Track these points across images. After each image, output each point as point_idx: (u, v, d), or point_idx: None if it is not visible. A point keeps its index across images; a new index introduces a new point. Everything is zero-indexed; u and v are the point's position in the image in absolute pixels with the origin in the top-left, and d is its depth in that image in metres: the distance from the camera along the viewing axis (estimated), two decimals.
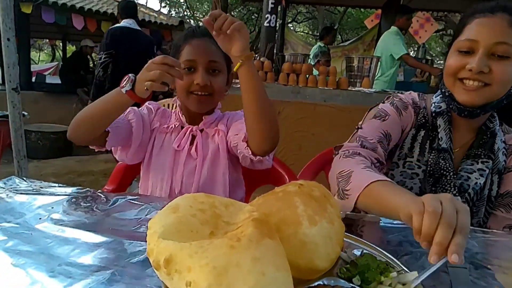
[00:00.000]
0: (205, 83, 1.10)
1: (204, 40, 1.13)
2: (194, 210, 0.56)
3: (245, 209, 0.60)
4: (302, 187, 0.70)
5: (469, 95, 0.96)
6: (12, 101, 1.96)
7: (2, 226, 0.76)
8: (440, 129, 1.07)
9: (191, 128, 1.21)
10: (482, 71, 0.92)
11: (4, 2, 1.78)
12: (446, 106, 1.07)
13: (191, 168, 1.18)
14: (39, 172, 4.50)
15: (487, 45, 0.92)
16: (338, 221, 0.66)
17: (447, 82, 1.02)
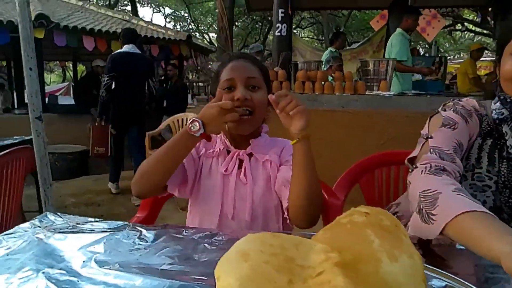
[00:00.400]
0: (245, 97, 1.09)
1: (240, 61, 1.16)
2: (266, 256, 0.50)
3: (318, 248, 0.54)
4: (369, 216, 0.64)
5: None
6: (36, 129, 1.95)
7: (46, 273, 0.72)
8: (508, 136, 1.00)
9: (238, 152, 1.18)
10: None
11: (24, 32, 1.77)
12: (508, 113, 1.01)
13: (242, 194, 1.16)
14: (58, 193, 4.50)
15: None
16: (416, 253, 0.60)
17: (506, 88, 0.97)
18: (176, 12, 22.76)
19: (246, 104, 1.09)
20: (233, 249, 0.54)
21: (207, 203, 1.18)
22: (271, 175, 1.16)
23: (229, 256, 0.52)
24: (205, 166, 1.21)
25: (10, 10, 6.49)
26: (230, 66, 1.14)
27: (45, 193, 2.03)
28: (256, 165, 1.18)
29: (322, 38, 19.26)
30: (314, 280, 0.48)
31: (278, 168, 1.17)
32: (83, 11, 8.08)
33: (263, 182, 1.16)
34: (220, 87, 1.11)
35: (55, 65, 20.88)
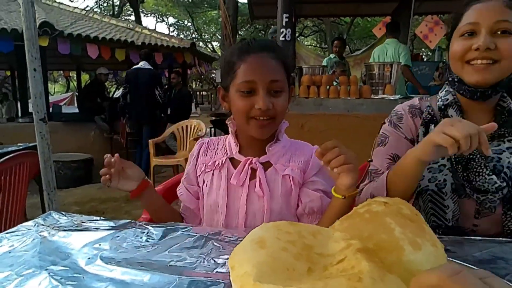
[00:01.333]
0: (267, 107, 0.94)
1: (262, 56, 0.97)
2: (284, 243, 0.47)
3: (336, 236, 0.51)
4: (388, 206, 0.62)
5: (479, 74, 0.96)
6: (40, 132, 1.93)
7: (50, 270, 0.69)
8: (454, 117, 1.04)
9: (250, 160, 1.03)
10: (489, 47, 0.92)
11: (29, 33, 1.77)
12: (453, 98, 1.06)
13: (255, 208, 1.02)
14: (62, 201, 4.48)
15: (489, 24, 0.93)
16: (439, 242, 0.57)
17: (455, 68, 1.01)
18: (180, 21, 22.95)
19: (267, 114, 0.96)
20: (248, 237, 0.51)
21: (210, 222, 1.07)
22: (293, 192, 1.02)
23: (244, 244, 0.49)
24: (206, 182, 1.09)
25: (14, 19, 6.55)
26: (251, 63, 0.96)
27: (49, 197, 2.00)
28: (274, 178, 1.03)
29: (325, 46, 19.32)
30: (335, 267, 0.44)
31: (300, 185, 1.04)
32: (87, 20, 8.14)
33: (281, 197, 1.01)
34: (236, 88, 0.97)
35: (59, 75, 21.03)
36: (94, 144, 6.81)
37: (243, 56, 0.98)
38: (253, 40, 1.03)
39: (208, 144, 1.14)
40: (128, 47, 7.00)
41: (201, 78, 19.95)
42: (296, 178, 1.02)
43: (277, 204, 1.01)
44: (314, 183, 1.03)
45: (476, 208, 1.02)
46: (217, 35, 20.91)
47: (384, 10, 7.48)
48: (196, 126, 5.19)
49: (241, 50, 1.00)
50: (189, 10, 19.87)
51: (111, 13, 17.77)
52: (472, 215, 1.02)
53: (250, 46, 1.00)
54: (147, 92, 5.15)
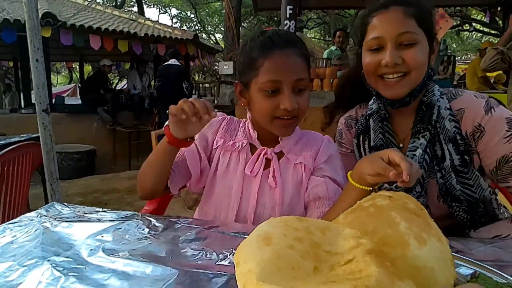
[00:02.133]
0: (293, 107, 0.91)
1: (287, 54, 0.93)
2: (291, 240, 0.46)
3: (346, 234, 0.50)
4: (393, 200, 0.61)
5: (392, 89, 0.99)
6: (43, 122, 1.92)
7: (53, 261, 0.69)
8: (371, 128, 1.11)
9: (265, 151, 1.02)
10: (396, 63, 0.95)
11: (31, 23, 1.75)
12: (378, 107, 1.11)
13: (266, 199, 1.01)
14: (65, 192, 4.50)
15: (393, 38, 0.95)
16: (444, 237, 0.56)
17: (370, 82, 1.05)
18: (183, 13, 22.81)
19: (292, 114, 0.93)
20: (254, 232, 0.50)
21: (221, 205, 1.04)
22: (304, 180, 1.02)
23: (250, 239, 0.48)
24: (222, 161, 1.06)
25: (17, 9, 6.53)
26: (276, 62, 0.93)
27: (51, 187, 2.00)
28: (286, 167, 1.03)
29: (329, 39, 19.18)
30: (342, 268, 0.43)
31: (311, 174, 1.03)
32: (89, 11, 8.11)
33: (293, 187, 1.02)
34: (260, 86, 0.94)
35: (61, 67, 21.01)
36: (97, 135, 6.83)
37: (266, 52, 0.94)
38: (276, 34, 0.97)
39: (229, 122, 1.12)
40: (131, 38, 6.97)
41: (204, 70, 19.86)
42: (308, 166, 1.02)
43: (288, 195, 1.01)
44: (322, 170, 1.03)
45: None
46: (220, 26, 20.80)
47: None
48: None
49: (263, 46, 0.95)
50: (192, 2, 19.72)
51: (114, 4, 17.67)
52: None
53: (274, 42, 0.95)
54: (176, 86, 5.75)
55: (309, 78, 0.99)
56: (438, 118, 1.02)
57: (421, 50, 0.96)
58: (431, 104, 1.03)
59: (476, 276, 0.56)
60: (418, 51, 0.96)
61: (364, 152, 1.13)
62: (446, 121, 1.01)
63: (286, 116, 0.94)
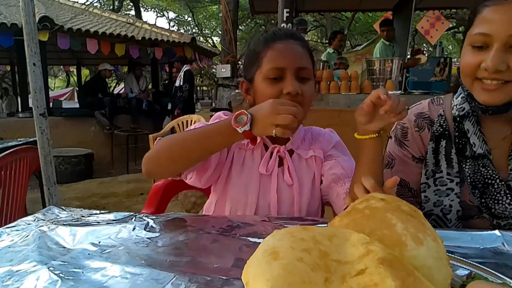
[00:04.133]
0: (297, 91, 0.92)
1: (289, 43, 0.96)
2: (299, 252, 0.45)
3: (354, 240, 0.49)
4: (387, 202, 0.61)
5: (489, 95, 0.85)
6: (40, 126, 1.92)
7: (50, 265, 0.68)
8: (470, 133, 0.94)
9: (277, 149, 1.03)
10: (499, 69, 0.81)
11: (28, 27, 1.76)
12: (469, 107, 0.95)
13: (285, 196, 1.02)
14: (62, 196, 4.49)
15: (503, 39, 0.80)
16: (439, 237, 0.56)
17: (465, 82, 0.91)
18: (180, 16, 22.85)
19: (296, 100, 0.91)
20: (260, 248, 0.49)
21: (238, 202, 1.03)
22: (316, 173, 1.04)
23: (257, 256, 0.47)
24: (237, 159, 1.05)
25: (14, 13, 6.53)
26: (278, 49, 0.94)
27: (49, 192, 2.00)
28: (299, 163, 1.05)
29: (326, 42, 19.24)
30: (355, 280, 0.42)
31: (323, 162, 1.05)
32: (87, 14, 8.12)
33: (308, 182, 1.03)
34: (264, 75, 0.95)
35: (59, 70, 20.99)
36: (94, 139, 6.82)
37: (269, 43, 0.96)
38: (278, 29, 1.01)
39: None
40: (128, 42, 6.98)
41: (202, 73, 19.88)
42: (319, 157, 1.05)
43: (304, 191, 1.02)
44: (331, 156, 1.06)
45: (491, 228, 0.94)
46: (218, 30, 20.81)
47: (386, 5, 7.45)
48: (196, 121, 5.19)
49: (266, 39, 0.98)
50: (189, 5, 19.76)
51: (111, 7, 17.68)
52: None
53: (276, 34, 0.98)
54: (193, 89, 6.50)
55: (312, 70, 0.99)
56: None
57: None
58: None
59: (472, 276, 0.56)
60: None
61: (449, 161, 0.96)
62: None
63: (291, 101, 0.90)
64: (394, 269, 0.42)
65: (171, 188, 1.42)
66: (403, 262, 0.45)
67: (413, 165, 1.02)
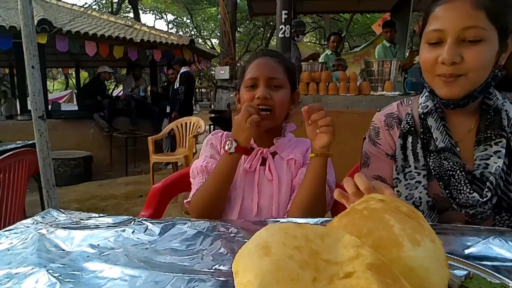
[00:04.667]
0: (264, 95, 1.10)
1: (265, 59, 1.17)
2: (290, 249, 0.45)
3: (346, 242, 0.50)
4: (385, 203, 0.61)
5: (448, 87, 0.91)
6: (39, 129, 1.92)
7: (49, 267, 0.68)
8: (433, 129, 1.00)
9: (261, 150, 1.18)
10: (454, 61, 0.87)
11: (27, 30, 1.76)
12: (433, 104, 1.02)
13: (266, 191, 1.15)
14: (61, 199, 4.48)
15: (455, 33, 0.86)
16: (437, 238, 0.56)
17: (426, 78, 0.97)
18: (179, 18, 22.88)
19: (265, 103, 1.10)
20: (253, 240, 0.49)
21: (228, 198, 1.15)
22: (294, 173, 1.16)
23: (249, 248, 0.48)
24: None
25: (13, 16, 6.53)
26: (255, 64, 1.16)
27: (48, 194, 2.00)
28: (280, 163, 1.17)
29: (324, 43, 19.28)
30: (342, 282, 0.43)
31: (300, 168, 1.17)
32: (85, 17, 8.13)
33: (286, 179, 1.15)
34: (243, 85, 1.16)
35: (57, 73, 20.98)
36: (93, 141, 6.82)
37: (251, 60, 1.20)
38: (261, 50, 1.25)
39: (227, 135, 1.26)
40: (127, 44, 6.99)
41: (200, 75, 19.89)
42: (298, 161, 1.17)
43: (283, 186, 1.14)
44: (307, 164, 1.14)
45: (467, 219, 0.98)
46: (216, 32, 20.84)
47: (384, 6, 7.47)
48: (195, 123, 5.19)
49: (250, 57, 1.24)
50: (188, 7, 19.80)
51: (110, 10, 17.70)
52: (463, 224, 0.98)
53: (258, 54, 1.23)
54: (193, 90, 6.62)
55: (286, 81, 1.16)
56: (508, 123, 0.94)
57: (487, 48, 0.86)
58: (497, 108, 0.95)
59: (470, 276, 0.57)
60: (484, 50, 0.86)
61: (415, 155, 1.03)
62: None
63: (261, 104, 1.10)
64: (381, 275, 0.42)
65: (169, 190, 1.42)
66: (392, 268, 0.45)
67: (387, 161, 1.09)
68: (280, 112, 1.14)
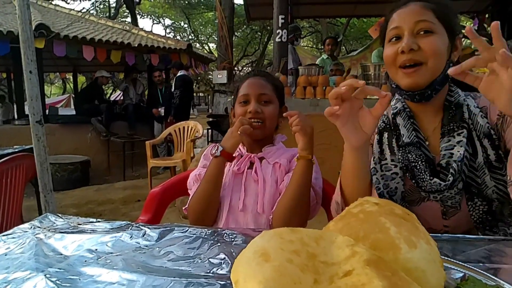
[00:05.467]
0: (256, 110, 1.24)
1: (256, 78, 1.31)
2: (288, 254, 0.46)
3: (339, 242, 0.50)
4: (380, 206, 0.62)
5: (410, 78, 1.00)
6: (36, 134, 1.92)
7: (47, 272, 0.68)
8: (401, 126, 1.10)
9: (250, 155, 1.30)
10: (412, 48, 0.97)
11: (24, 35, 1.76)
12: (402, 105, 1.12)
13: (251, 189, 1.25)
14: (59, 204, 4.46)
15: (409, 26, 0.98)
16: (432, 240, 0.57)
17: (391, 73, 1.07)
18: (176, 23, 22.93)
19: (257, 116, 1.25)
20: (250, 248, 0.49)
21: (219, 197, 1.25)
22: (279, 177, 1.26)
23: (247, 256, 0.48)
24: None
25: (10, 21, 6.53)
26: (247, 83, 1.30)
27: (45, 199, 1.99)
28: (266, 167, 1.28)
29: (321, 47, 19.36)
30: (343, 281, 0.43)
31: (286, 173, 1.26)
32: (83, 22, 8.13)
33: (272, 182, 1.25)
34: (237, 101, 1.30)
35: (55, 77, 20.97)
36: (91, 146, 6.80)
37: (243, 79, 1.34)
38: (253, 71, 1.38)
39: None
40: (124, 48, 6.99)
41: (198, 79, 19.91)
42: (283, 165, 1.27)
43: (268, 186, 1.24)
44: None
45: (442, 209, 1.04)
46: (214, 36, 20.91)
47: (380, 11, 7.50)
48: (193, 127, 5.19)
49: (244, 77, 1.37)
50: (185, 12, 19.84)
51: (108, 15, 17.73)
52: (440, 216, 1.04)
53: (250, 74, 1.37)
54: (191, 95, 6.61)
55: (275, 97, 1.30)
56: (470, 115, 1.03)
57: (438, 39, 0.98)
58: (459, 103, 1.04)
59: (466, 278, 0.57)
60: (436, 39, 0.97)
61: (391, 149, 1.12)
62: (479, 118, 1.02)
63: (253, 118, 1.24)
64: (380, 269, 0.43)
65: (168, 195, 1.42)
66: (387, 262, 0.46)
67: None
68: (270, 124, 1.28)
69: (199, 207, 1.19)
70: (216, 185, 1.21)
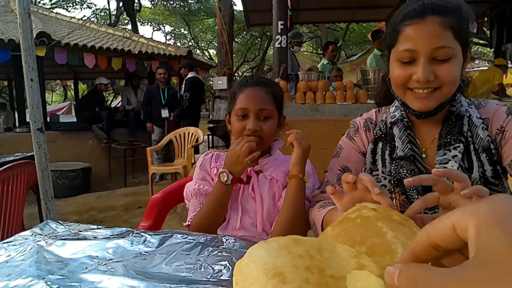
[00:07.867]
0: (255, 128, 1.18)
1: (256, 89, 1.22)
2: (303, 272, 0.44)
3: (341, 253, 0.50)
4: (378, 211, 0.62)
5: (421, 102, 0.96)
6: (37, 141, 1.93)
7: (48, 279, 0.69)
8: (396, 138, 1.07)
9: (246, 170, 1.22)
10: (429, 79, 0.91)
11: (25, 43, 1.78)
12: (400, 114, 1.07)
13: (248, 207, 1.21)
14: (60, 211, 4.46)
15: (427, 52, 0.91)
16: None
17: (398, 92, 1.01)
18: (176, 30, 23.03)
19: (256, 134, 1.18)
20: (256, 266, 0.46)
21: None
22: (276, 193, 1.22)
23: (258, 277, 0.44)
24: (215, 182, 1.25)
25: (11, 29, 6.57)
26: (246, 94, 1.21)
27: (46, 206, 2.00)
28: (263, 182, 1.24)
29: (320, 52, 19.42)
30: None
31: (284, 187, 1.21)
32: (84, 29, 8.18)
33: (269, 198, 1.22)
34: (234, 113, 1.22)
35: (56, 84, 21.04)
36: (92, 153, 6.81)
37: (242, 88, 1.24)
38: (252, 77, 1.28)
39: (217, 155, 1.33)
40: (125, 55, 7.03)
41: None
42: (280, 181, 1.22)
43: (265, 203, 1.21)
44: None
45: None
46: (214, 42, 20.98)
47: (379, 16, 7.56)
48: (193, 133, 5.20)
49: (241, 83, 1.27)
50: (185, 19, 19.94)
51: (108, 22, 17.83)
52: None
53: (248, 81, 1.26)
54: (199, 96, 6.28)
55: (275, 110, 1.23)
56: (470, 127, 0.99)
57: (456, 64, 0.92)
58: (460, 114, 1.00)
59: None
60: (453, 66, 0.91)
61: (383, 161, 1.08)
62: (480, 130, 0.98)
63: (251, 135, 1.17)
64: None
65: (169, 201, 1.43)
66: None
67: (358, 156, 1.15)
68: (268, 140, 1.24)
69: (203, 227, 1.15)
70: (223, 209, 1.18)
